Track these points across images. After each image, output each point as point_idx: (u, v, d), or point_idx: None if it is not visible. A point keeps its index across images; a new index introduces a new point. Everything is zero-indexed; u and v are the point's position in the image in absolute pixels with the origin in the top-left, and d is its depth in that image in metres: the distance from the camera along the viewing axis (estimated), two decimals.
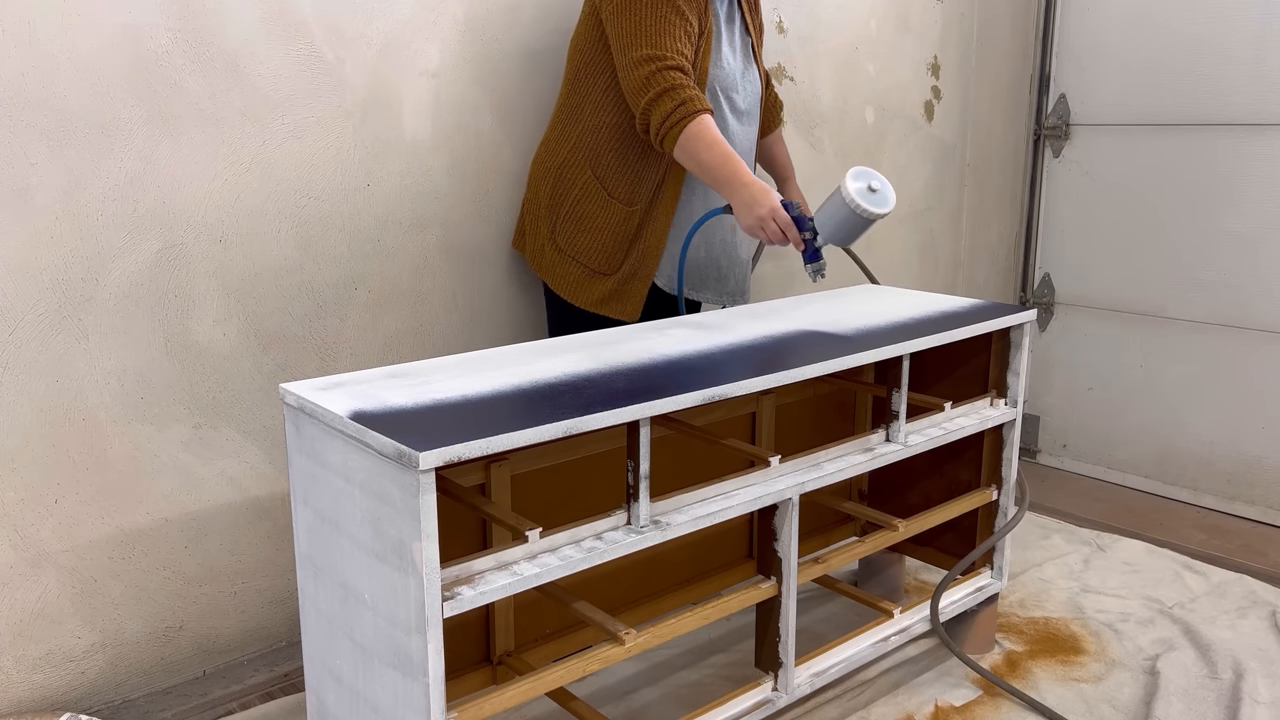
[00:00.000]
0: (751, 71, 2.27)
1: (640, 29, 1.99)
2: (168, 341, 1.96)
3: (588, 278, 2.20)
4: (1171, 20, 3.13)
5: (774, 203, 1.93)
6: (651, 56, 1.97)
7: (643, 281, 2.19)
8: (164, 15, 1.86)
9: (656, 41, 1.98)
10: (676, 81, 1.96)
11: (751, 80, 2.26)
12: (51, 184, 1.79)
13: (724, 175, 1.95)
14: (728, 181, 1.95)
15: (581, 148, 2.16)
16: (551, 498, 1.81)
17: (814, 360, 1.64)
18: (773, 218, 1.93)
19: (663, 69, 1.96)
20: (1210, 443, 3.18)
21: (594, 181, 2.16)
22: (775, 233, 1.94)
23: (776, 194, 1.95)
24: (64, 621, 1.92)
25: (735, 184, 1.95)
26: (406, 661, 1.29)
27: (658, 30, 1.98)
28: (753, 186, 1.94)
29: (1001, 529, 2.11)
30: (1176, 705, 2.00)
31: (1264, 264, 3.02)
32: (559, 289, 2.22)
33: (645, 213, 2.17)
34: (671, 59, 1.97)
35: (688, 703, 2.02)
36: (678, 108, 1.95)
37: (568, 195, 2.18)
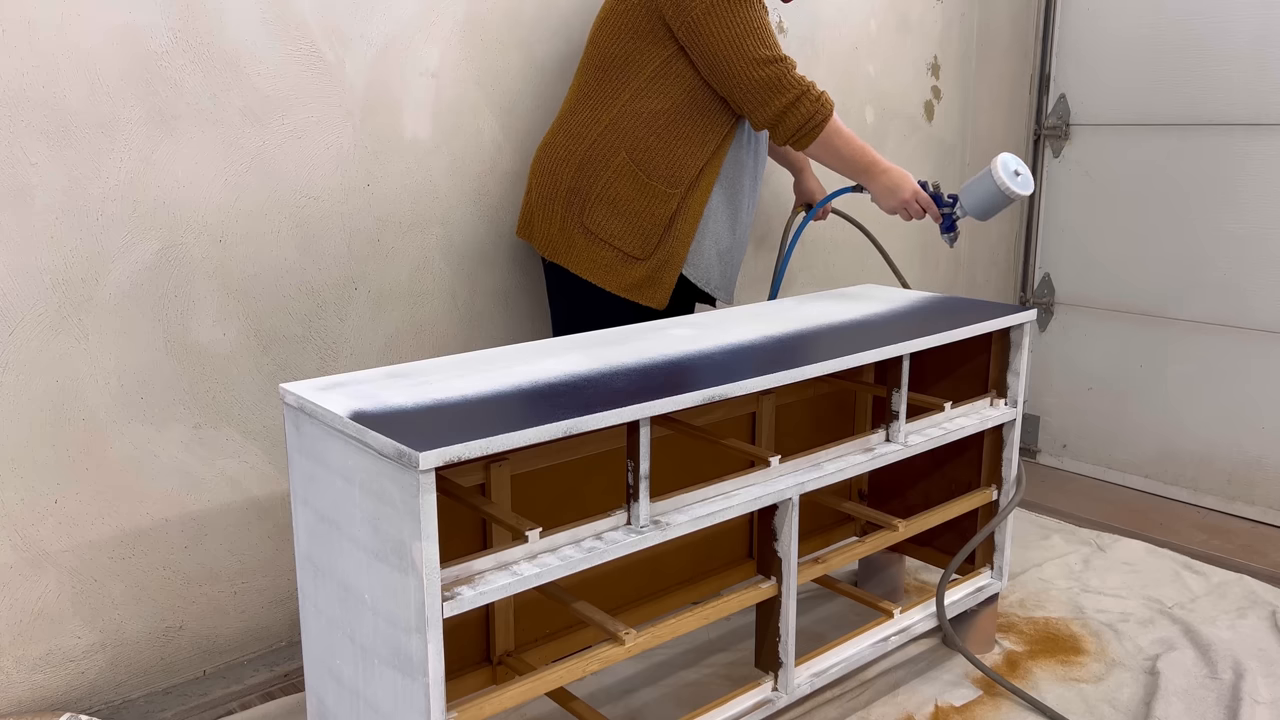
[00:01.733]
0: None
1: (752, 30, 2.07)
2: (168, 341, 1.96)
3: (621, 262, 2.18)
4: (1172, 20, 3.13)
5: (914, 185, 2.19)
6: (774, 58, 2.07)
7: (674, 269, 2.19)
8: (164, 15, 1.86)
9: (769, 42, 2.08)
10: (806, 83, 2.09)
11: None
12: (51, 184, 1.79)
13: (865, 164, 2.17)
14: (868, 169, 2.17)
15: (616, 131, 2.16)
16: (551, 498, 1.81)
17: (814, 360, 1.64)
18: (915, 199, 2.19)
19: (789, 70, 2.08)
20: (1210, 443, 3.18)
21: (629, 164, 2.15)
22: (918, 211, 2.20)
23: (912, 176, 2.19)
24: (64, 621, 1.92)
25: (875, 171, 2.18)
26: (406, 661, 1.29)
27: (765, 30, 2.08)
28: (892, 172, 2.18)
29: (1003, 510, 2.11)
30: (1176, 705, 2.00)
31: (1264, 264, 3.02)
32: (586, 272, 2.19)
33: (684, 198, 2.19)
34: (791, 61, 2.09)
35: (688, 703, 2.02)
36: (819, 109, 2.09)
37: (599, 178, 2.17)
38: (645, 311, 2.25)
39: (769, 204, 2.91)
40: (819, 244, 3.08)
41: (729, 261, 2.31)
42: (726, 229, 2.27)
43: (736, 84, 2.09)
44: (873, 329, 1.88)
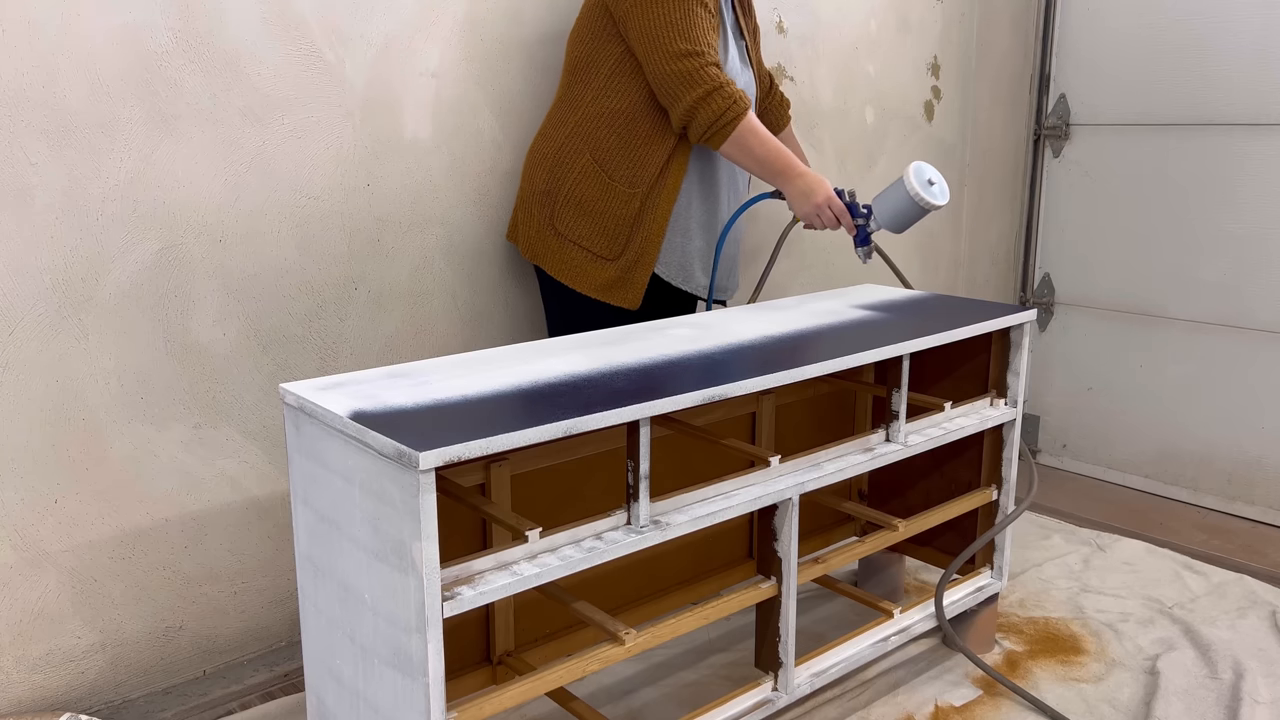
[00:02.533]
0: (747, 75, 2.28)
1: (671, 22, 2.01)
2: (168, 341, 1.96)
3: (590, 262, 2.19)
4: (1172, 20, 3.13)
5: (829, 190, 2.06)
6: (690, 51, 2.00)
7: (645, 269, 2.18)
8: (164, 15, 1.86)
9: (690, 35, 2.00)
10: (721, 79, 2.01)
11: (747, 83, 2.27)
12: (51, 184, 1.79)
13: (779, 167, 2.07)
14: (783, 173, 2.07)
15: (580, 133, 2.16)
16: (551, 498, 1.81)
17: (814, 360, 1.64)
18: (828, 205, 2.06)
19: (704, 65, 2.00)
20: (1210, 443, 3.18)
21: (593, 164, 2.15)
22: (830, 219, 2.08)
23: (828, 181, 2.08)
24: (64, 621, 1.92)
25: (791, 174, 2.07)
26: (406, 661, 1.29)
27: (689, 24, 2.01)
28: (807, 176, 2.07)
29: (1006, 517, 2.11)
30: (1176, 705, 2.00)
31: (1263, 264, 3.02)
32: (560, 274, 2.21)
33: (646, 197, 2.16)
34: (710, 55, 2.02)
35: (688, 703, 2.02)
36: (730, 106, 2.01)
37: (566, 179, 2.18)
38: (627, 313, 2.25)
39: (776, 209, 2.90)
40: (819, 244, 3.08)
41: (711, 260, 2.29)
42: (701, 227, 2.25)
43: (654, 77, 2.05)
44: (873, 329, 1.88)
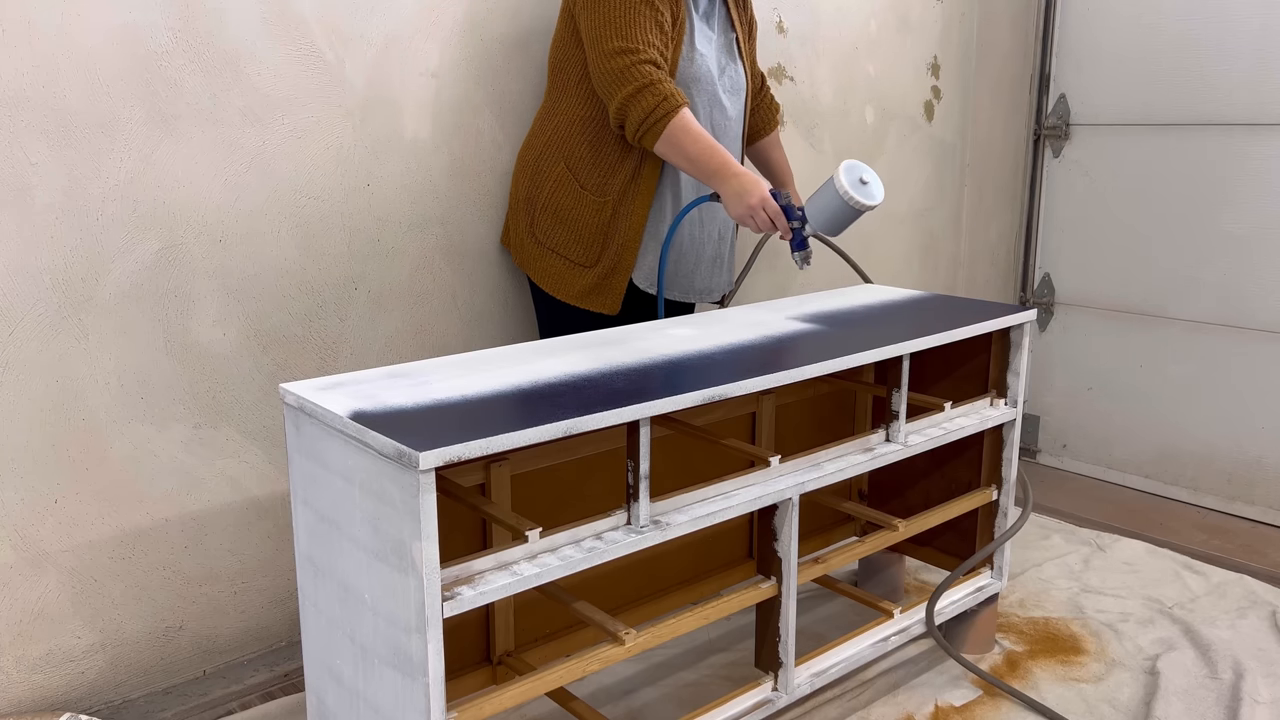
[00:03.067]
0: (735, 68, 2.24)
1: (609, 20, 1.98)
2: (168, 341, 1.96)
3: (569, 270, 2.19)
4: (1171, 20, 3.13)
5: (763, 192, 1.94)
6: (624, 49, 1.96)
7: (622, 275, 2.17)
8: (164, 15, 1.86)
9: (627, 34, 1.96)
10: (653, 77, 1.95)
11: (734, 77, 2.23)
12: (51, 184, 1.79)
13: (713, 167, 1.95)
14: (717, 173, 1.96)
15: (555, 141, 2.16)
16: (551, 498, 1.81)
17: (814, 360, 1.64)
18: (762, 207, 1.94)
19: (637, 63, 1.95)
20: (1210, 443, 3.18)
21: (567, 173, 2.15)
22: (765, 221, 1.96)
23: (765, 183, 1.96)
24: (64, 621, 1.92)
25: (725, 174, 1.95)
26: (406, 661, 1.29)
27: (627, 22, 1.97)
28: (743, 176, 1.95)
29: (1003, 534, 2.11)
30: (1176, 705, 2.00)
31: (1263, 264, 3.02)
32: (541, 282, 2.22)
33: (618, 205, 2.15)
34: (644, 52, 1.96)
35: (688, 703, 2.02)
36: (660, 104, 1.95)
37: (543, 187, 2.18)
38: (612, 320, 2.24)
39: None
40: (818, 244, 3.08)
41: (694, 265, 2.26)
42: (680, 233, 2.21)
43: (593, 77, 2.03)
44: (873, 329, 1.88)
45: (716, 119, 2.20)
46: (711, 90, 2.17)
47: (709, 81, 2.16)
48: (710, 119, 2.18)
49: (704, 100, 2.16)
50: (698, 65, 2.13)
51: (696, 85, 2.14)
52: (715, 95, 2.18)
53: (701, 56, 2.14)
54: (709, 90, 2.16)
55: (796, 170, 2.95)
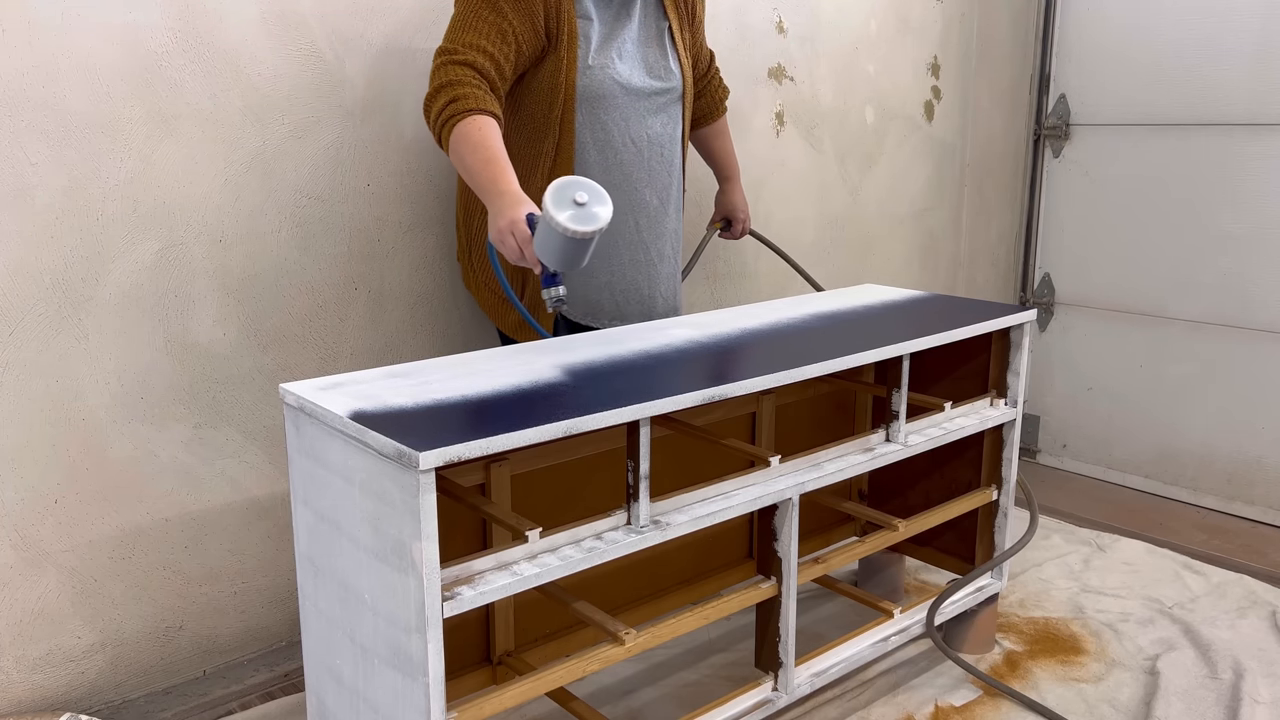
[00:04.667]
0: (665, 65, 2.06)
1: (451, 23, 1.86)
2: (168, 341, 1.96)
3: (500, 304, 2.10)
4: (1172, 20, 3.13)
5: (518, 214, 1.67)
6: (444, 49, 1.81)
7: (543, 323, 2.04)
8: (164, 15, 1.86)
9: (455, 36, 1.83)
10: (455, 77, 1.78)
11: (664, 75, 2.05)
12: (51, 184, 1.79)
13: (484, 180, 1.73)
14: (486, 187, 1.73)
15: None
16: (551, 498, 1.81)
17: (814, 360, 1.64)
18: (512, 231, 1.66)
19: (448, 63, 1.80)
20: (1210, 443, 3.18)
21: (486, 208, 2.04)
22: (513, 249, 1.68)
23: (529, 207, 1.69)
24: (64, 621, 1.92)
25: (492, 191, 1.72)
26: (406, 661, 1.29)
27: (462, 24, 1.84)
28: (506, 195, 1.71)
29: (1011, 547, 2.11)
30: (1176, 705, 2.00)
31: (1264, 264, 3.02)
32: (484, 309, 2.14)
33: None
34: (462, 53, 1.80)
35: (688, 703, 2.02)
36: (450, 104, 1.76)
37: (470, 221, 2.10)
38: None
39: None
40: (820, 245, 3.08)
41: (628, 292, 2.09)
42: (603, 262, 2.03)
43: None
44: (873, 329, 1.88)
45: (636, 132, 2.02)
46: (626, 102, 1.99)
47: (619, 94, 1.98)
48: (628, 135, 2.01)
49: (616, 116, 1.99)
50: (598, 79, 1.95)
51: (603, 103, 1.97)
52: (632, 107, 2.00)
53: (603, 67, 1.96)
54: (622, 103, 1.99)
55: (796, 171, 2.95)
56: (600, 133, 1.99)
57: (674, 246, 2.17)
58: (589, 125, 1.97)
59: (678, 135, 2.12)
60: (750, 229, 2.57)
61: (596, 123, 1.98)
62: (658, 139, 2.06)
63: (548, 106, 1.95)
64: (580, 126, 1.97)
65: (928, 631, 1.99)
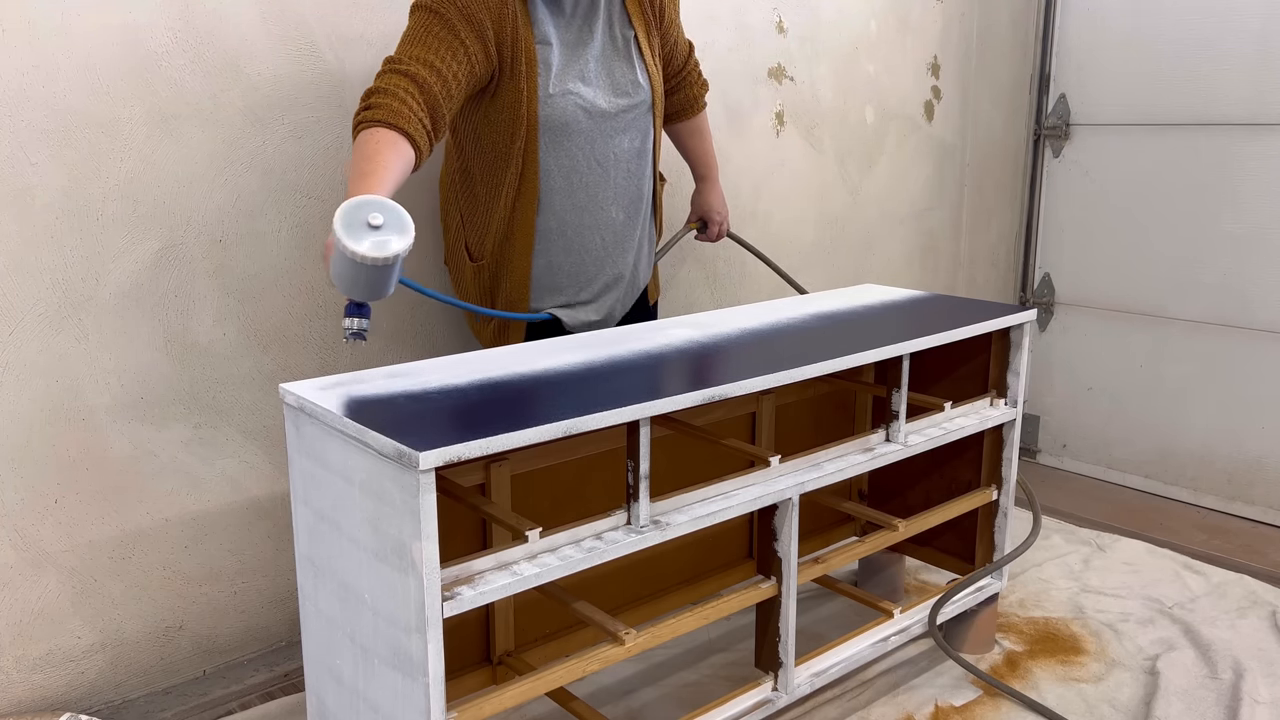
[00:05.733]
0: (632, 77, 2.01)
1: (402, 37, 1.82)
2: (168, 341, 1.96)
3: (473, 320, 2.14)
4: (1172, 20, 3.13)
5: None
6: (389, 59, 1.76)
7: (516, 333, 2.06)
8: (164, 15, 1.86)
9: (402, 48, 1.78)
10: (385, 85, 1.70)
11: (630, 91, 2.00)
12: (52, 184, 1.79)
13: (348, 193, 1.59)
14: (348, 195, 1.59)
15: (447, 195, 2.08)
16: (551, 498, 1.81)
17: (814, 360, 1.64)
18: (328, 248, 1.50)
19: (386, 71, 1.74)
20: (1210, 443, 3.18)
21: (458, 230, 2.07)
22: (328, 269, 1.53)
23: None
24: (64, 621, 1.92)
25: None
26: (406, 661, 1.29)
27: (410, 38, 1.79)
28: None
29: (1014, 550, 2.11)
30: (1176, 705, 2.00)
31: (1264, 264, 3.02)
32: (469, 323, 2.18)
33: (496, 268, 2.01)
34: (404, 64, 1.73)
35: (688, 703, 2.02)
36: (365, 110, 1.69)
37: (446, 239, 2.11)
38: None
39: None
40: (820, 246, 3.08)
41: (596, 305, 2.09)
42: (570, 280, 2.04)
43: None
44: (873, 329, 1.88)
45: (601, 153, 1.98)
46: (590, 126, 1.95)
47: (582, 120, 1.94)
48: (593, 157, 1.98)
49: (580, 141, 1.95)
50: (560, 107, 1.91)
51: (566, 130, 1.93)
52: (596, 129, 1.96)
53: (565, 95, 1.92)
54: (585, 128, 1.95)
55: (796, 171, 2.95)
56: (564, 159, 1.95)
57: (643, 255, 2.16)
58: (552, 152, 1.94)
59: (648, 147, 2.08)
60: (729, 232, 2.47)
61: (560, 150, 1.94)
62: (624, 155, 2.02)
63: (509, 137, 1.91)
64: (544, 155, 1.93)
65: (929, 631, 1.99)
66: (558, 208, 1.98)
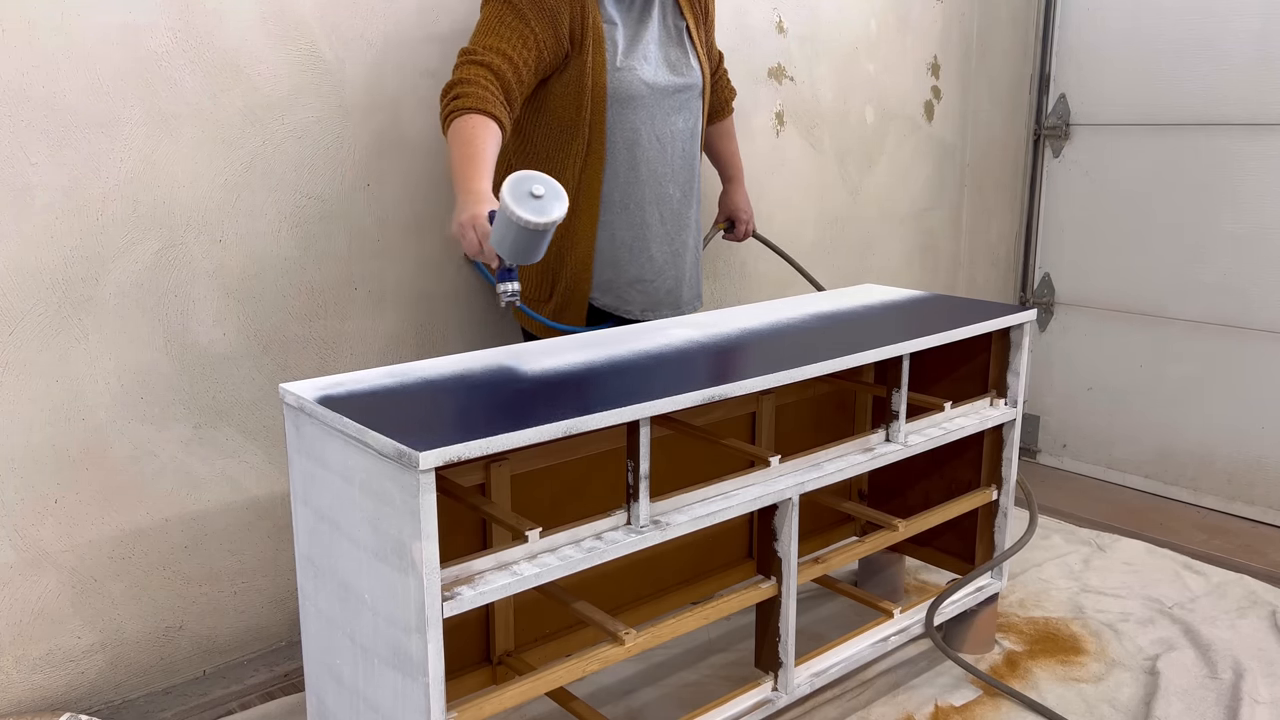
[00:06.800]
0: (686, 62, 2.14)
1: (476, 28, 1.95)
2: (168, 341, 1.96)
3: (529, 305, 2.16)
4: (1172, 20, 3.13)
5: (479, 210, 1.69)
6: (465, 50, 1.91)
7: (577, 307, 2.12)
8: (164, 15, 1.86)
9: (477, 39, 1.92)
10: (467, 75, 1.86)
11: (685, 72, 2.13)
12: (51, 184, 1.79)
13: (458, 176, 1.78)
14: (458, 183, 1.79)
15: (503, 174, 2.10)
16: (551, 498, 1.81)
17: (814, 360, 1.64)
18: (472, 225, 1.68)
19: (465, 63, 1.89)
20: (1210, 443, 3.18)
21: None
22: (472, 243, 1.69)
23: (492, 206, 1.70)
24: (64, 621, 1.92)
25: (461, 188, 1.77)
26: (406, 661, 1.29)
27: (485, 29, 1.92)
28: (472, 194, 1.75)
29: (1010, 548, 2.11)
30: (1176, 705, 2.00)
31: (1264, 264, 3.02)
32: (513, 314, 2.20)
33: (561, 240, 2.06)
34: (480, 55, 1.88)
35: (688, 703, 2.02)
36: (453, 101, 1.85)
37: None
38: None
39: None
40: (820, 246, 3.08)
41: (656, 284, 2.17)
42: (631, 255, 2.12)
43: None
44: (873, 329, 1.88)
45: (661, 130, 2.09)
46: (651, 101, 2.06)
47: (646, 94, 2.05)
48: (654, 133, 2.08)
49: (643, 115, 2.06)
50: (626, 80, 2.02)
51: (631, 103, 2.04)
52: (657, 105, 2.07)
53: (630, 69, 2.03)
54: (648, 103, 2.06)
55: (797, 171, 2.95)
56: (628, 131, 2.05)
57: (695, 238, 2.26)
58: (618, 125, 2.04)
59: (698, 130, 2.19)
60: (755, 231, 2.58)
61: (624, 122, 2.05)
62: (680, 134, 2.13)
63: (576, 109, 2.00)
64: (610, 126, 2.03)
65: (927, 631, 1.99)
66: (622, 179, 2.07)
